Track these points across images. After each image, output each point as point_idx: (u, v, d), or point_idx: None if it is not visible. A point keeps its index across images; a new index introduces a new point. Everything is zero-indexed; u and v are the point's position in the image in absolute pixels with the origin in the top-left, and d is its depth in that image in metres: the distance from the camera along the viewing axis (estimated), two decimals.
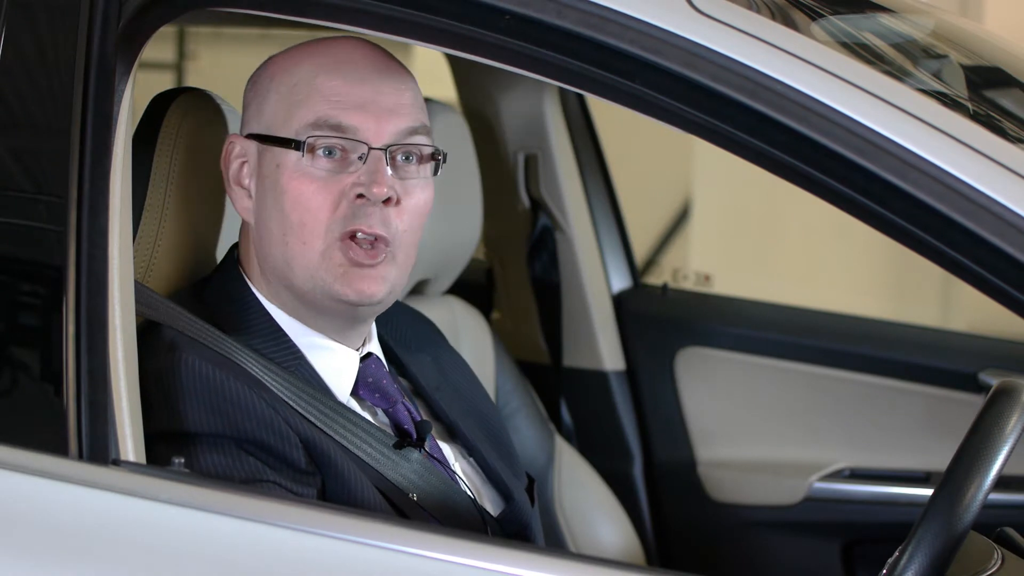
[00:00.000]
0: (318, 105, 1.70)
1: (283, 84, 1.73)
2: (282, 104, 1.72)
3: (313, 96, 1.70)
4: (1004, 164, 1.37)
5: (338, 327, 1.76)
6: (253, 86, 1.78)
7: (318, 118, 1.69)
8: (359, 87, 1.71)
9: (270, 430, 1.63)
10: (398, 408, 1.78)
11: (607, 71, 1.44)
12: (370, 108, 1.70)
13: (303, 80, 1.71)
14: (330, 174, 1.70)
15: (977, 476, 1.36)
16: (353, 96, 1.70)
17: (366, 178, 1.69)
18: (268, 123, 1.73)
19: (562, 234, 2.88)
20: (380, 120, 1.70)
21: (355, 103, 1.70)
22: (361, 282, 1.70)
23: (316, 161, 1.70)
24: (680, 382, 2.88)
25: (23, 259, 1.57)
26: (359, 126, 1.70)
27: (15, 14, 1.58)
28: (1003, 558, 1.50)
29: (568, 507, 2.68)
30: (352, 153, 1.70)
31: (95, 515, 1.48)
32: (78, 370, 1.49)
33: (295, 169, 1.70)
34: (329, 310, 1.74)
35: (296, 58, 1.75)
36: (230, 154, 1.77)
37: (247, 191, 1.76)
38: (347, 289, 1.70)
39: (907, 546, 1.35)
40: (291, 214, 1.70)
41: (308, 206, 1.70)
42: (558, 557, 1.54)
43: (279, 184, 1.71)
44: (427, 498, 1.71)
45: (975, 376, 2.70)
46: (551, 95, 2.85)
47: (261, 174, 1.74)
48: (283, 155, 1.71)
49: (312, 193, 1.69)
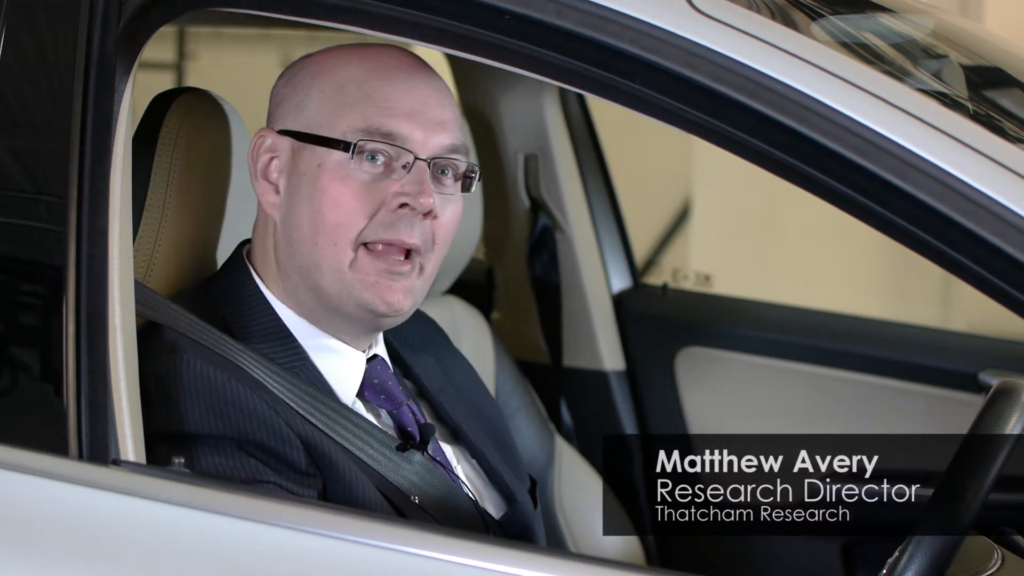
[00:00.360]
0: (369, 110, 1.69)
1: (328, 83, 1.72)
2: (327, 104, 1.71)
3: (364, 101, 1.70)
4: (1004, 164, 1.37)
5: (354, 332, 1.76)
6: (289, 82, 1.76)
7: (369, 124, 1.69)
8: (409, 96, 1.71)
9: (271, 432, 1.62)
10: (403, 410, 1.78)
11: (607, 71, 1.44)
12: (419, 118, 1.70)
13: (351, 82, 1.71)
14: (373, 179, 1.69)
15: (977, 476, 1.36)
16: (403, 104, 1.70)
17: (412, 188, 1.69)
18: (310, 121, 1.72)
19: (562, 234, 2.88)
20: (428, 131, 1.70)
21: (405, 111, 1.70)
22: (391, 294, 1.70)
23: (361, 165, 1.69)
24: (680, 382, 2.88)
25: (23, 259, 1.57)
26: (408, 135, 1.70)
27: (15, 14, 1.58)
28: (1003, 558, 1.50)
29: (568, 507, 2.68)
30: (397, 161, 1.70)
31: (95, 515, 1.48)
32: (78, 370, 1.49)
33: (338, 170, 1.69)
34: (352, 316, 1.73)
35: (342, 59, 1.74)
36: (259, 147, 1.76)
37: (274, 186, 1.75)
38: (376, 300, 1.70)
39: (907, 546, 1.35)
40: (328, 215, 1.70)
41: (347, 208, 1.69)
42: (558, 557, 1.54)
43: (318, 183, 1.70)
44: (429, 500, 1.71)
45: (975, 376, 2.70)
46: (551, 95, 2.84)
47: (296, 171, 1.73)
48: (326, 155, 1.70)
49: (353, 196, 1.69)
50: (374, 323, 1.75)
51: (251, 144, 1.76)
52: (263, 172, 1.76)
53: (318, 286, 1.72)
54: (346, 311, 1.73)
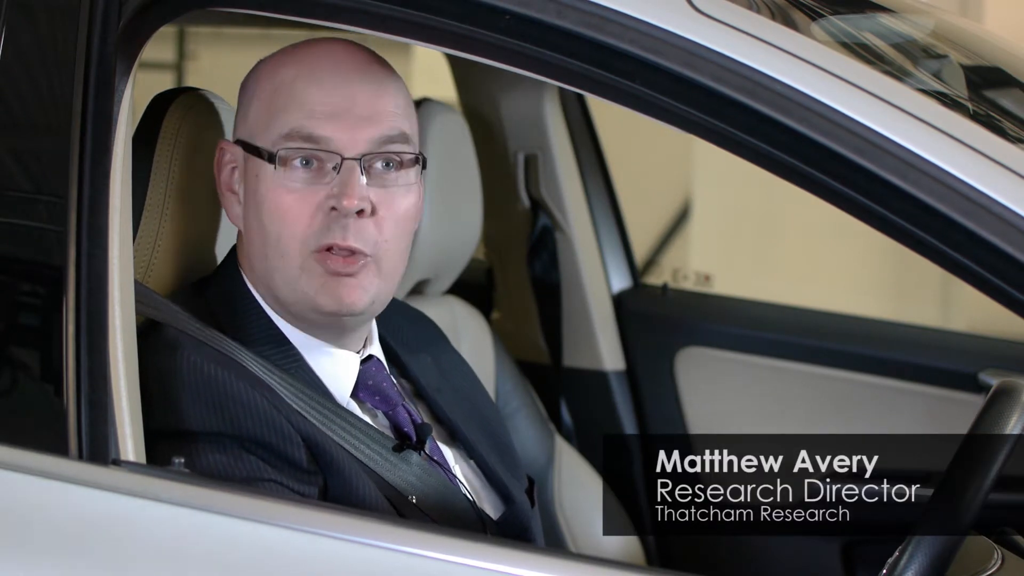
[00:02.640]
0: (293, 115, 1.69)
1: (264, 90, 1.72)
2: (263, 111, 1.71)
3: (290, 105, 1.69)
4: (1004, 164, 1.37)
5: (330, 334, 1.76)
6: (242, 89, 1.77)
7: (291, 129, 1.68)
8: (335, 94, 1.69)
9: (272, 429, 1.62)
10: (398, 411, 1.78)
11: (607, 71, 1.44)
12: (344, 117, 1.69)
13: (283, 87, 1.70)
14: (306, 185, 1.68)
15: (977, 476, 1.36)
16: (328, 105, 1.69)
17: (338, 189, 1.67)
18: (251, 130, 1.73)
19: (562, 234, 2.88)
20: (354, 129, 1.68)
21: (329, 112, 1.68)
22: (341, 291, 1.69)
23: (292, 172, 1.68)
24: (680, 382, 2.88)
25: (23, 259, 1.57)
26: (332, 136, 1.68)
27: (15, 14, 1.58)
28: (1003, 558, 1.50)
29: (568, 507, 2.68)
30: (327, 163, 1.68)
31: (95, 515, 1.48)
32: (78, 370, 1.49)
33: (273, 180, 1.69)
34: (315, 322, 1.73)
35: (278, 63, 1.74)
36: (221, 159, 1.76)
37: (237, 197, 1.75)
38: (327, 300, 1.69)
39: (907, 546, 1.35)
40: (270, 226, 1.70)
41: (285, 219, 1.69)
42: (558, 557, 1.54)
43: (259, 194, 1.70)
44: (426, 501, 1.71)
45: (975, 376, 2.70)
46: (551, 95, 2.84)
47: (246, 182, 1.73)
48: (262, 165, 1.70)
49: (289, 205, 1.68)
50: (336, 324, 1.74)
51: (215, 157, 1.77)
52: (227, 184, 1.76)
53: (278, 294, 1.73)
54: (306, 316, 1.73)
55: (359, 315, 1.72)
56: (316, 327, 1.74)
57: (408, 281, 2.41)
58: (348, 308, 1.70)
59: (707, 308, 3.03)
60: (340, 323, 1.74)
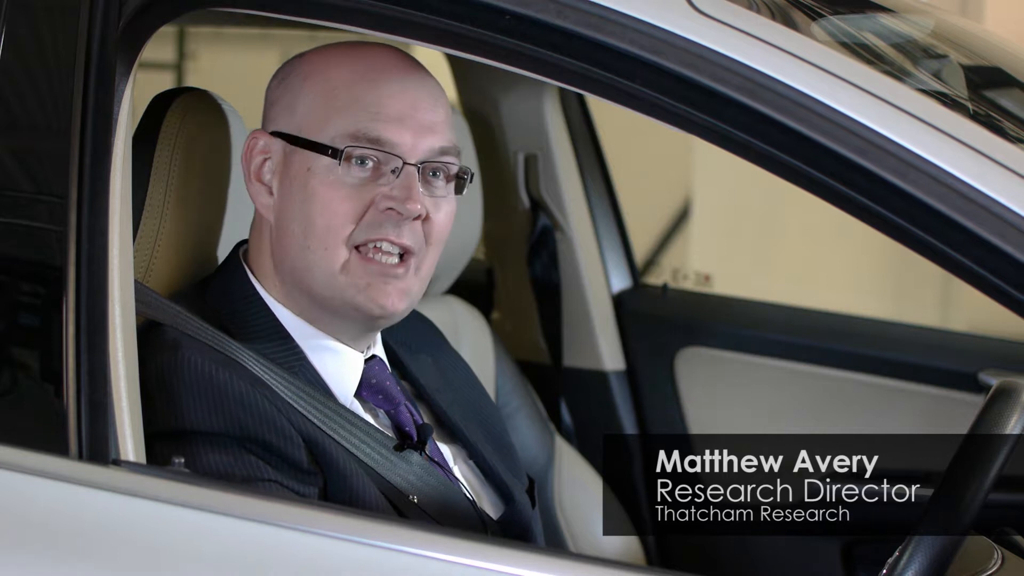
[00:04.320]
0: (358, 115, 1.70)
1: (318, 86, 1.72)
2: (317, 107, 1.72)
3: (352, 105, 1.70)
4: (1004, 164, 1.37)
5: (351, 332, 1.76)
6: (281, 83, 1.76)
7: (357, 129, 1.69)
8: (398, 99, 1.71)
9: (273, 429, 1.63)
10: (400, 410, 1.78)
11: (607, 71, 1.44)
12: (408, 123, 1.70)
13: (341, 85, 1.71)
14: (361, 183, 1.70)
15: (977, 476, 1.36)
16: (392, 109, 1.70)
17: (400, 193, 1.69)
18: (300, 124, 1.73)
19: (562, 234, 2.88)
20: (417, 136, 1.71)
21: (394, 116, 1.70)
22: (385, 297, 1.71)
23: (350, 170, 1.70)
24: (680, 382, 2.88)
25: (23, 259, 1.57)
26: (396, 140, 1.70)
27: (15, 14, 1.58)
28: (1003, 558, 1.50)
29: (568, 507, 2.68)
30: (386, 165, 1.70)
31: (95, 515, 1.48)
32: (78, 370, 1.49)
33: (327, 175, 1.70)
34: (347, 317, 1.74)
35: (333, 60, 1.74)
36: (252, 149, 1.76)
37: (268, 188, 1.75)
38: (369, 303, 1.71)
39: (907, 546, 1.35)
40: (318, 219, 1.70)
41: (335, 212, 1.69)
42: (558, 557, 1.54)
43: (308, 187, 1.71)
44: (427, 500, 1.71)
45: (975, 376, 2.70)
46: (551, 95, 2.84)
47: (288, 174, 1.73)
48: (315, 159, 1.70)
49: (341, 200, 1.69)
50: (368, 324, 1.75)
51: (245, 146, 1.76)
52: (256, 174, 1.76)
53: (311, 288, 1.72)
54: (340, 313, 1.73)
55: (395, 318, 1.74)
56: (339, 322, 1.74)
57: None
58: (388, 312, 1.72)
59: (707, 308, 3.03)
60: (372, 324, 1.75)
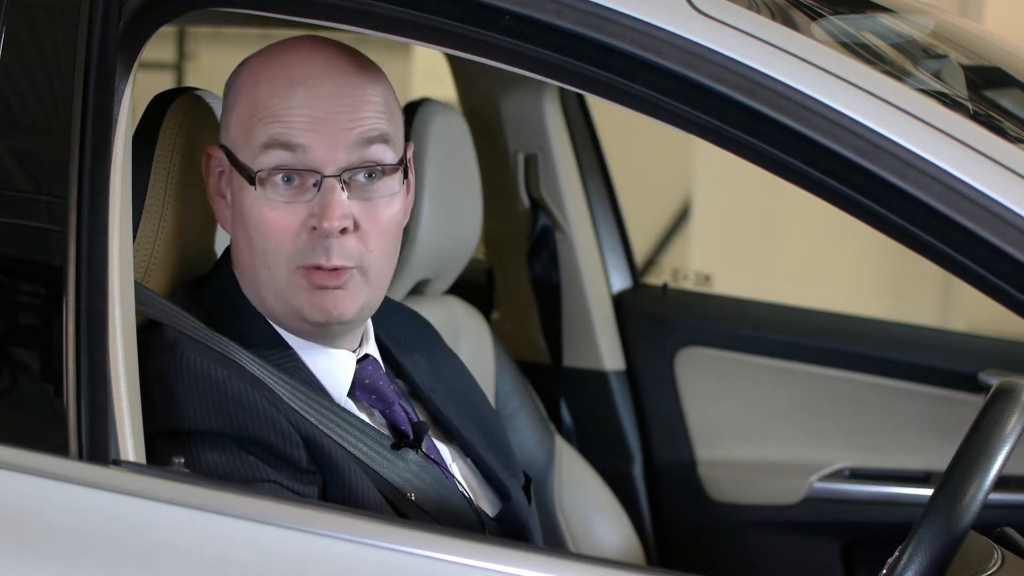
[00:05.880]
0: (272, 126, 1.67)
1: (245, 102, 1.70)
2: (242, 124, 1.70)
3: (268, 118, 1.67)
4: (1004, 164, 1.37)
5: (323, 339, 1.76)
6: (225, 94, 1.76)
7: (270, 138, 1.67)
8: (313, 104, 1.67)
9: (272, 428, 1.63)
10: (395, 409, 1.78)
11: (607, 71, 1.44)
12: (322, 127, 1.66)
13: (260, 100, 1.69)
14: (288, 202, 1.67)
15: (977, 476, 1.36)
16: (306, 114, 1.67)
17: (319, 209, 1.66)
18: (232, 140, 1.72)
19: (562, 234, 2.88)
20: (334, 138, 1.66)
21: (308, 122, 1.66)
22: (329, 303, 1.68)
23: (273, 190, 1.67)
24: (680, 382, 2.88)
25: (23, 259, 1.57)
26: (309, 145, 1.66)
27: (15, 14, 1.58)
28: (1003, 558, 1.50)
29: (568, 507, 2.68)
30: (308, 180, 1.67)
31: (95, 515, 1.48)
32: (78, 370, 1.49)
33: (256, 196, 1.68)
34: (303, 328, 1.73)
35: (260, 70, 1.71)
36: (208, 165, 1.75)
37: (227, 201, 1.74)
38: (314, 311, 1.69)
39: (907, 546, 1.35)
40: (255, 240, 1.69)
41: (268, 235, 1.68)
42: (558, 557, 1.54)
43: (243, 208, 1.70)
44: (424, 499, 1.71)
45: (975, 376, 2.70)
46: (551, 95, 2.84)
47: (232, 191, 1.72)
48: (244, 181, 1.70)
49: (273, 221, 1.67)
50: (326, 331, 1.74)
51: (203, 162, 1.76)
52: (216, 189, 1.75)
53: (265, 302, 1.73)
54: (295, 325, 1.73)
55: (348, 323, 1.73)
56: (307, 332, 1.74)
57: (408, 281, 2.41)
58: (337, 318, 1.70)
59: (707, 308, 3.03)
60: (330, 331, 1.74)
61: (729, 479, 2.82)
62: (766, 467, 2.80)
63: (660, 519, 2.88)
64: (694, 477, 2.85)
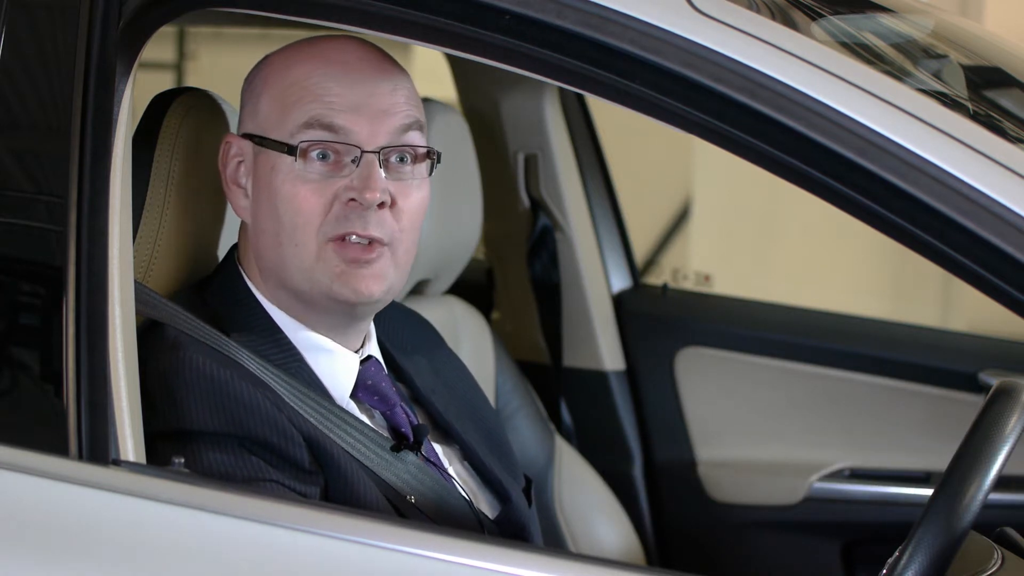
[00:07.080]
0: (311, 105, 1.70)
1: (277, 85, 1.73)
2: (276, 105, 1.72)
3: (306, 97, 1.71)
4: (1004, 164, 1.37)
5: (336, 326, 1.76)
6: (248, 85, 1.78)
7: (311, 118, 1.70)
8: (353, 89, 1.71)
9: (274, 429, 1.63)
10: (396, 411, 1.78)
11: (607, 71, 1.44)
12: (363, 110, 1.70)
13: (297, 81, 1.72)
14: (323, 177, 1.70)
15: (977, 476, 1.36)
16: (347, 98, 1.70)
17: (359, 183, 1.69)
18: (263, 124, 1.74)
19: (562, 234, 2.88)
20: (374, 122, 1.70)
21: (349, 105, 1.70)
22: (359, 282, 1.71)
23: (309, 165, 1.70)
24: (680, 382, 2.88)
25: (23, 259, 1.57)
26: (352, 128, 1.70)
27: (15, 14, 1.58)
28: (1003, 558, 1.50)
29: (568, 507, 2.68)
30: (345, 156, 1.70)
31: (95, 515, 1.48)
32: (78, 370, 1.49)
33: (289, 172, 1.70)
34: (327, 309, 1.74)
35: (291, 58, 1.75)
36: (227, 154, 1.77)
37: (244, 190, 1.76)
38: (344, 289, 1.71)
39: (907, 546, 1.35)
40: (284, 216, 1.71)
41: (300, 208, 1.70)
42: (558, 557, 1.54)
43: (273, 186, 1.71)
44: (423, 501, 1.71)
45: (975, 376, 2.70)
46: (551, 95, 2.84)
47: (257, 175, 1.74)
48: (277, 158, 1.71)
49: (305, 196, 1.70)
50: (349, 312, 1.75)
51: (220, 151, 1.77)
52: (232, 178, 1.77)
53: (289, 283, 1.73)
54: (320, 305, 1.73)
55: (374, 304, 1.74)
56: (322, 316, 1.75)
57: (408, 281, 2.41)
58: (366, 297, 1.71)
59: (707, 308, 3.03)
60: (352, 311, 1.74)
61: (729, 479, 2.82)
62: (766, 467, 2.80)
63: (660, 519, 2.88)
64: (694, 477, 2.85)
